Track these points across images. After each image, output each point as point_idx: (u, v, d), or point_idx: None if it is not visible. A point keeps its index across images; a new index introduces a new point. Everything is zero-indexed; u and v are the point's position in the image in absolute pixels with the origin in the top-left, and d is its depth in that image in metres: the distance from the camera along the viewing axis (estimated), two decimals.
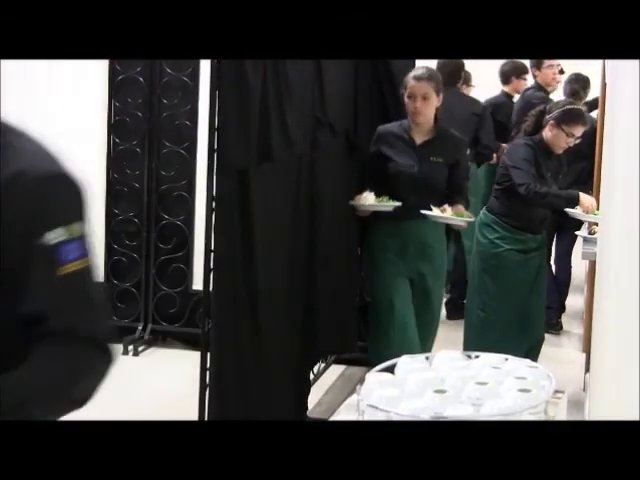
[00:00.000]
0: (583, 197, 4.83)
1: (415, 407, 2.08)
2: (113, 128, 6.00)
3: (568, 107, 4.89)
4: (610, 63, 4.19)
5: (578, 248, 5.12)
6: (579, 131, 4.85)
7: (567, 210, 4.86)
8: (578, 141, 4.91)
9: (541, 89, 6.96)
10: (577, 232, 4.74)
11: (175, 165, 5.97)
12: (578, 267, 6.95)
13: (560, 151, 4.93)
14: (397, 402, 2.14)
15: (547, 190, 4.79)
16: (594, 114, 6.32)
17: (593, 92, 6.78)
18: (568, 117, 4.83)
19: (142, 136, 5.96)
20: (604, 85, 5.19)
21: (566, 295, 6.74)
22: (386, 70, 5.20)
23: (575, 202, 4.86)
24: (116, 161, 6.02)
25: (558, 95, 6.76)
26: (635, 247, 1.79)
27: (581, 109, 5.01)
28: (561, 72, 6.94)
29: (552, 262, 6.57)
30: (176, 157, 5.96)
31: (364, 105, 5.01)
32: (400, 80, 4.88)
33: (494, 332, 4.94)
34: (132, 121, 5.97)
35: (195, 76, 5.83)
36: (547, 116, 4.87)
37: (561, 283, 6.59)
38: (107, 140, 6.01)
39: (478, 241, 5.11)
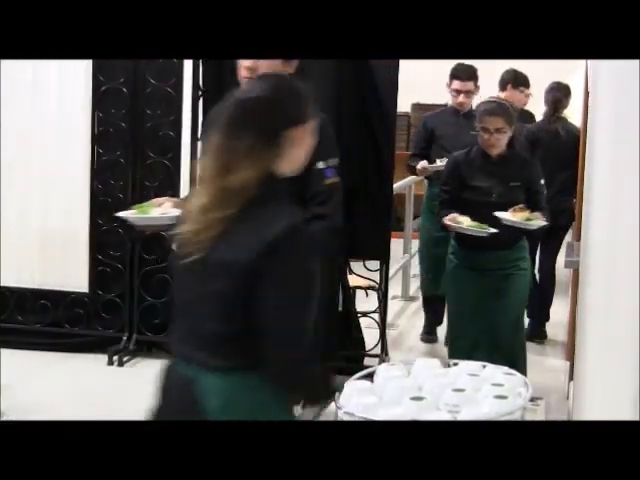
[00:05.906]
0: (450, 217, 4.59)
1: (393, 414, 2.08)
2: (97, 139, 6.00)
3: (479, 104, 4.84)
4: (592, 71, 4.21)
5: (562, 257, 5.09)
6: (492, 123, 4.61)
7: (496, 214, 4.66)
8: (505, 134, 4.64)
9: None
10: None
11: (159, 176, 5.96)
12: (562, 276, 6.97)
13: (494, 151, 4.69)
14: (375, 409, 2.14)
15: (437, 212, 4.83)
16: (577, 124, 6.35)
17: (576, 101, 6.80)
18: (478, 114, 4.73)
19: (126, 147, 5.96)
20: (587, 94, 5.19)
21: (550, 304, 6.75)
22: (371, 88, 5.20)
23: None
24: (100, 172, 6.01)
25: (540, 106, 6.78)
26: (616, 256, 1.80)
27: (491, 101, 4.80)
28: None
29: (536, 271, 6.58)
30: (160, 168, 5.96)
31: (348, 124, 4.98)
32: (385, 98, 4.85)
33: (462, 350, 4.62)
34: (116, 132, 5.96)
35: (179, 87, 5.81)
36: None
37: (545, 292, 6.60)
38: (91, 151, 6.00)
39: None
